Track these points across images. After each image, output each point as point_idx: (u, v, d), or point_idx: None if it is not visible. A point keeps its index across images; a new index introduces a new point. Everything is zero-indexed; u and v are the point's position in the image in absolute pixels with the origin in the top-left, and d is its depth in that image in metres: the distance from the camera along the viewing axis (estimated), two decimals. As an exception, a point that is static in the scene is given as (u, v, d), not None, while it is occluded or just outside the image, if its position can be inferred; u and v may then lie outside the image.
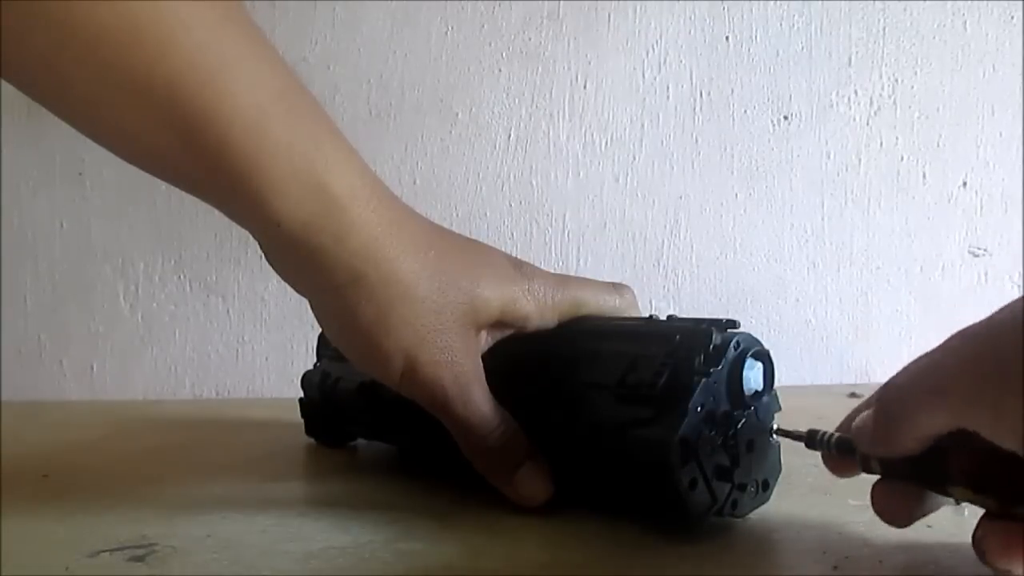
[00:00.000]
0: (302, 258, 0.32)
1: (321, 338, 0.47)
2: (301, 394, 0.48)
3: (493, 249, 0.38)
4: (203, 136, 0.29)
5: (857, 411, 0.30)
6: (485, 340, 0.36)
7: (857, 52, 0.78)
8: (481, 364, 0.35)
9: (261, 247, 0.34)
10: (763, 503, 0.33)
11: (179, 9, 0.28)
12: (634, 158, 0.76)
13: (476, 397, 0.34)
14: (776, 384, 0.33)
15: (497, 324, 0.36)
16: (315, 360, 0.48)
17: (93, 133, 0.31)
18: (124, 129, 0.30)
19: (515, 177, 0.75)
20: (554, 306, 0.37)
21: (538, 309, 0.36)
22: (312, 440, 0.48)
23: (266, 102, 0.30)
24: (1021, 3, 0.79)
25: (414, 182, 0.73)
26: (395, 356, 0.33)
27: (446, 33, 0.73)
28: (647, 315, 0.37)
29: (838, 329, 0.78)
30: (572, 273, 0.74)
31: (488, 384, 0.35)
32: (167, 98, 0.28)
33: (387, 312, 0.33)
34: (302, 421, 0.48)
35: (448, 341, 0.34)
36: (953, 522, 0.31)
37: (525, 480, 0.34)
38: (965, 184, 0.80)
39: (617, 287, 0.40)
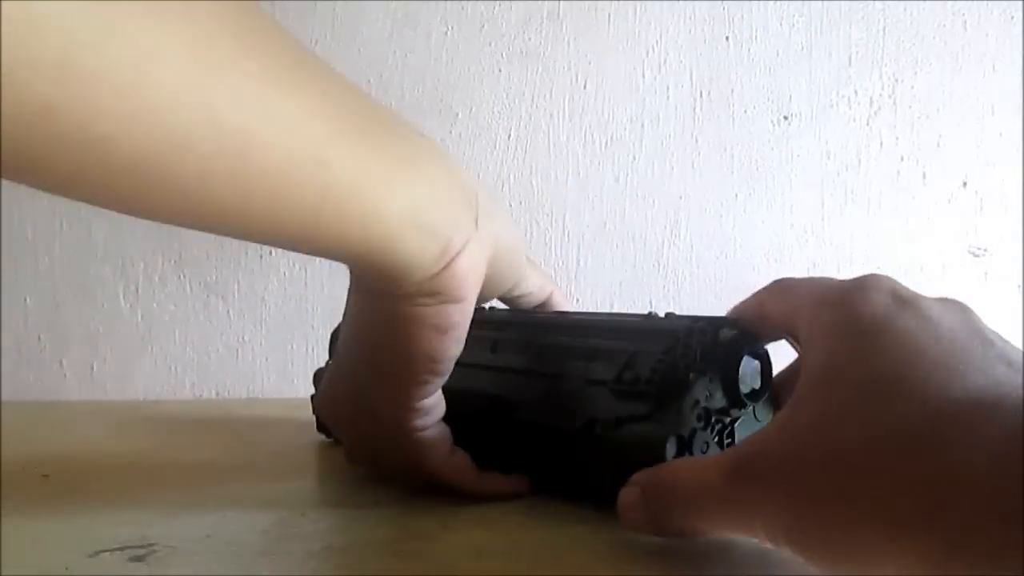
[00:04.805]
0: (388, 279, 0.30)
1: (334, 335, 0.47)
2: (305, 392, 0.48)
3: None
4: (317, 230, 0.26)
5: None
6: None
7: (857, 52, 0.78)
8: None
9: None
10: (762, 502, 0.33)
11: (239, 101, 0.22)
12: (634, 158, 0.76)
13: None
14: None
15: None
16: (327, 358, 0.48)
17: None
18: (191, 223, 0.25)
19: (515, 177, 0.75)
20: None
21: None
22: (313, 439, 0.48)
23: (372, 172, 0.27)
24: (1021, 3, 0.79)
25: (414, 182, 0.73)
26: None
27: (446, 33, 0.73)
28: (646, 312, 0.37)
29: (838, 329, 0.78)
30: (573, 274, 0.74)
31: (479, 377, 0.36)
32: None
33: (442, 334, 0.32)
34: (302, 421, 0.48)
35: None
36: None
37: (491, 486, 0.35)
38: (965, 184, 0.80)
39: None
